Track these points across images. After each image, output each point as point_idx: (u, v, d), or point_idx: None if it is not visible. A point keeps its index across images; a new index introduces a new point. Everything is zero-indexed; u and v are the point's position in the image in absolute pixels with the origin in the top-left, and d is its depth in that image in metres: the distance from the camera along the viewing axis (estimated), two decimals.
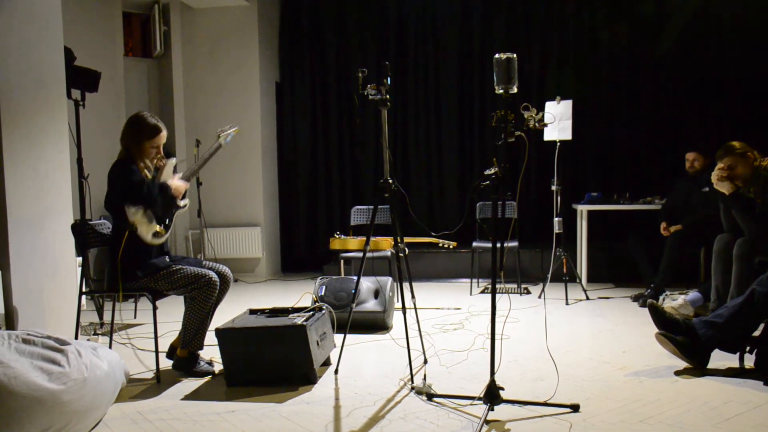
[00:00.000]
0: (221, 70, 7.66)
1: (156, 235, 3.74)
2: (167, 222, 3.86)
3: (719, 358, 3.76)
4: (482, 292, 6.44)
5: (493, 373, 3.03)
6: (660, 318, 3.82)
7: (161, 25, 7.51)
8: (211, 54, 7.70)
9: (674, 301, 4.98)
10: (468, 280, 6.64)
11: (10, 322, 3.78)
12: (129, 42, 7.54)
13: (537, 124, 2.96)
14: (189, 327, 3.81)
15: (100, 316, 5.26)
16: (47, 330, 3.23)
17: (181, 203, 3.96)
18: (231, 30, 7.64)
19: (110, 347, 3.86)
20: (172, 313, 5.31)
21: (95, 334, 4.90)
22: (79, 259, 4.45)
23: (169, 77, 7.66)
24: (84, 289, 4.08)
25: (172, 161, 3.92)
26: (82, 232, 4.15)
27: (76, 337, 4.01)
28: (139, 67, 7.63)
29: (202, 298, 3.77)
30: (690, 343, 3.69)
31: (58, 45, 4.28)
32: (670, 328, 3.77)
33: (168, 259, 3.88)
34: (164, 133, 3.83)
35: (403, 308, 3.72)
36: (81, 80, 5.32)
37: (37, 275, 4.03)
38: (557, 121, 5.60)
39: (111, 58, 7.05)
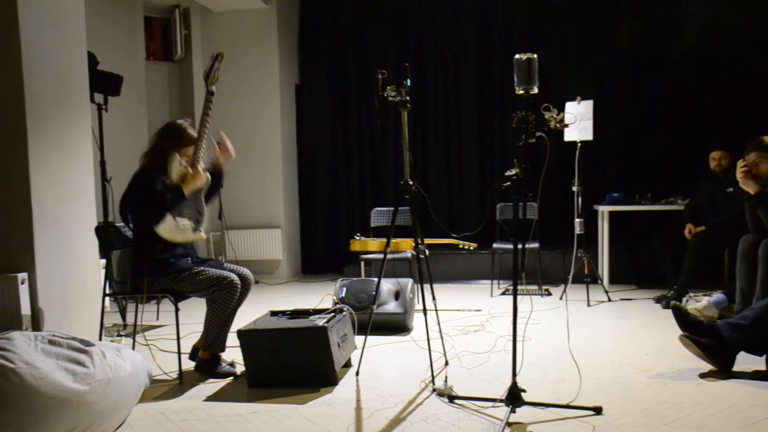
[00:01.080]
0: (241, 72, 7.71)
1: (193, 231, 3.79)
2: (197, 219, 3.88)
3: (745, 361, 3.70)
4: (503, 293, 6.42)
5: (514, 374, 3.02)
6: (684, 320, 3.78)
7: (182, 28, 7.57)
8: (231, 57, 7.71)
9: (698, 303, 4.93)
10: (488, 281, 6.62)
11: (36, 323, 3.83)
12: (150, 46, 7.61)
13: (558, 125, 2.95)
14: (210, 329, 3.84)
15: (123, 318, 5.31)
16: (72, 331, 3.26)
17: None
18: (250, 32, 7.69)
19: (133, 348, 3.90)
20: (194, 314, 5.34)
21: (118, 335, 4.95)
22: (103, 261, 4.51)
23: (189, 80, 7.72)
24: (107, 291, 4.12)
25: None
26: (106, 234, 4.21)
27: (100, 339, 4.06)
28: (161, 71, 7.70)
29: (223, 301, 3.79)
30: (715, 345, 3.65)
31: (82, 50, 4.33)
32: (694, 330, 3.73)
33: (191, 261, 3.91)
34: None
35: (424, 310, 3.72)
36: (104, 84, 5.40)
37: (62, 277, 4.07)
38: (578, 121, 5.56)
39: (133, 62, 7.12)
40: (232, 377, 3.84)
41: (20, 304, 3.69)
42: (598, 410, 3.06)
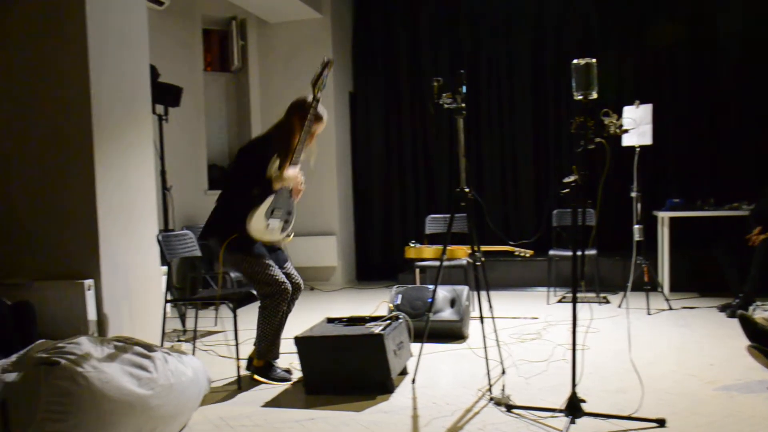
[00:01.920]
0: (296, 81, 7.80)
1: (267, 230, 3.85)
2: (286, 219, 3.93)
3: None
4: (559, 301, 6.32)
5: (574, 384, 2.97)
6: (751, 329, 3.66)
7: (239, 40, 7.73)
8: (287, 66, 7.86)
9: (766, 312, 4.75)
10: (544, 289, 6.53)
11: (102, 328, 3.95)
12: (208, 57, 7.78)
13: (618, 130, 2.89)
14: (263, 338, 3.90)
15: (183, 324, 5.43)
16: (134, 336, 3.35)
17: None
18: (305, 42, 7.79)
19: (193, 354, 3.98)
20: (252, 321, 5.43)
21: (178, 341, 5.06)
22: (164, 268, 4.62)
23: (246, 90, 7.87)
24: (168, 298, 4.22)
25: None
26: (167, 242, 4.31)
27: (162, 344, 4.15)
28: (218, 81, 7.87)
29: (272, 308, 3.85)
30: None
31: (145, 64, 4.46)
32: (762, 341, 3.60)
33: (266, 249, 3.95)
34: (323, 125, 4.02)
35: (481, 317, 3.69)
36: (164, 96, 5.55)
37: (125, 284, 4.19)
38: (637, 125, 5.45)
39: (192, 73, 7.30)
40: (287, 382, 3.88)
41: (87, 309, 3.81)
42: (661, 422, 2.98)
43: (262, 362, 3.93)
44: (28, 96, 3.98)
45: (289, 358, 4.09)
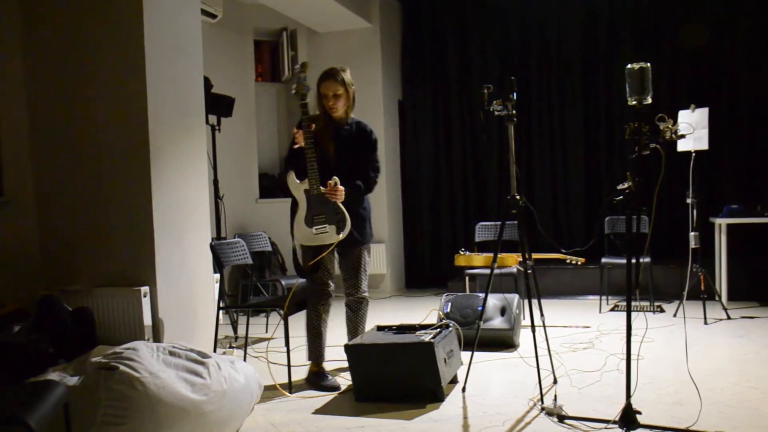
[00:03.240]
0: None
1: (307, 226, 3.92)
2: (338, 221, 3.94)
3: None
4: (612, 309, 6.20)
5: (629, 395, 2.91)
6: None
7: (289, 50, 7.83)
8: None
9: None
10: (596, 297, 6.42)
11: (157, 335, 4.03)
12: (259, 68, 7.91)
13: (674, 136, 2.83)
14: (307, 338, 4.11)
15: (235, 330, 5.51)
16: (188, 343, 3.42)
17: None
18: (355, 51, 7.84)
19: (245, 360, 4.04)
20: (302, 328, 5.48)
21: (230, 347, 5.14)
22: (217, 275, 4.70)
23: (296, 100, 7.94)
24: (220, 305, 4.30)
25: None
26: (219, 250, 4.39)
27: (215, 350, 4.22)
28: (269, 91, 7.99)
29: (310, 307, 4.04)
30: None
31: (199, 76, 4.56)
32: None
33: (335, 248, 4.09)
34: (330, 83, 4.04)
35: (532, 326, 3.64)
36: (217, 106, 5.65)
37: (179, 291, 4.28)
38: (693, 130, 5.32)
39: (243, 83, 7.43)
40: (336, 391, 3.91)
41: (143, 315, 3.91)
42: None
43: (312, 366, 4.09)
44: (88, 108, 4.11)
45: (336, 366, 4.11)
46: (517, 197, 3.65)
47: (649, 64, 2.86)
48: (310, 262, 3.93)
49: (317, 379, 3.99)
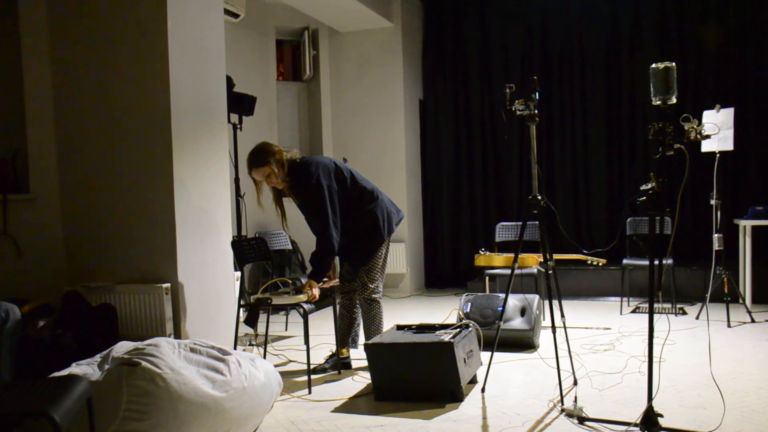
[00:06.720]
0: (367, 90, 7.88)
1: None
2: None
3: None
4: (633, 311, 6.14)
5: (650, 398, 2.88)
6: None
7: (311, 50, 7.86)
8: (357, 75, 7.93)
9: None
10: (617, 298, 6.36)
11: (177, 331, 4.07)
12: (280, 67, 7.94)
13: (699, 136, 2.80)
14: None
15: (255, 328, 5.52)
16: (209, 340, 3.44)
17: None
18: (376, 51, 7.85)
19: (264, 358, 4.05)
20: (322, 326, 5.50)
21: (250, 344, 5.16)
22: (237, 273, 4.73)
23: (317, 99, 7.98)
24: (241, 302, 4.32)
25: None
26: (240, 248, 4.41)
27: (235, 347, 4.25)
28: (290, 90, 8.02)
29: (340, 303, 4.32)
30: None
31: (221, 74, 4.59)
32: None
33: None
34: (255, 172, 4.12)
35: (553, 327, 3.62)
36: (239, 105, 5.68)
37: (200, 288, 4.31)
38: (718, 130, 5.26)
39: (265, 83, 7.47)
40: (323, 373, 4.28)
41: (164, 312, 3.94)
42: None
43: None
44: (112, 107, 4.15)
45: (355, 366, 4.12)
46: (539, 197, 3.63)
47: (674, 64, 2.83)
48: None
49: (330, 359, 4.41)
